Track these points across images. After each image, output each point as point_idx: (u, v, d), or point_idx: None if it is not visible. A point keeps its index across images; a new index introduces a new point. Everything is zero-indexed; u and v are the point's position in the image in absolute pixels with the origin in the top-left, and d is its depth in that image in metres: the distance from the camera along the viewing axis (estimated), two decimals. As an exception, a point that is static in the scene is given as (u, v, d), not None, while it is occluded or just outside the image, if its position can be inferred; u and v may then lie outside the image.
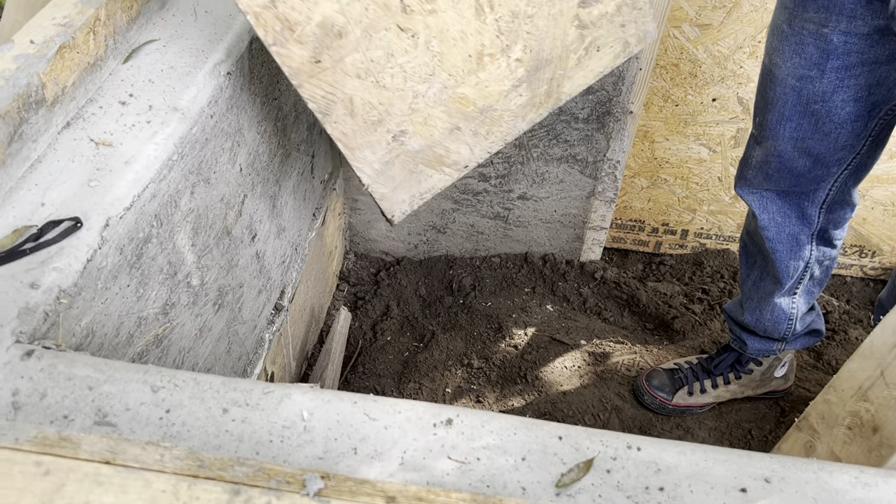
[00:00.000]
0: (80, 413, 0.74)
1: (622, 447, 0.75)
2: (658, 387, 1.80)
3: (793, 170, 1.41)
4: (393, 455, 0.73)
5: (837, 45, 1.21)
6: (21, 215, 0.95)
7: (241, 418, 0.75)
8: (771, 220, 1.51)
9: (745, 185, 1.51)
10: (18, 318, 0.83)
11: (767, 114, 1.37)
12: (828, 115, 1.30)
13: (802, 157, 1.38)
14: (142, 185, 1.03)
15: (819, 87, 1.27)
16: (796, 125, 1.34)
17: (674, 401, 1.79)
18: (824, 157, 1.37)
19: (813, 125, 1.32)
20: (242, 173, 1.36)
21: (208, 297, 1.28)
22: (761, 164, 1.45)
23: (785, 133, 1.36)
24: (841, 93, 1.26)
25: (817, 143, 1.35)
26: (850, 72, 1.24)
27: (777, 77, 1.32)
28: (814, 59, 1.24)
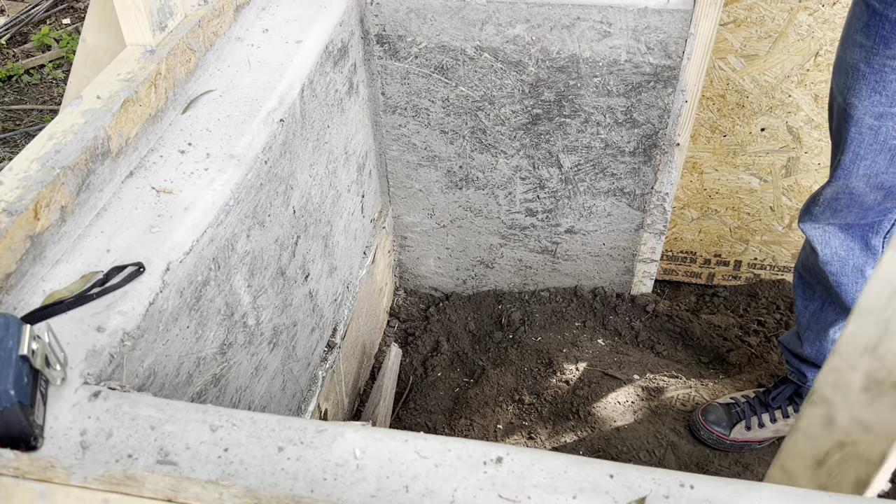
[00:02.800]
0: (143, 452, 0.77)
1: (675, 485, 0.74)
2: (715, 422, 1.76)
3: (862, 204, 1.40)
4: (444, 493, 0.73)
5: None
6: (88, 261, 1.00)
7: (296, 457, 0.77)
8: (833, 254, 1.49)
9: (809, 219, 1.49)
10: (86, 361, 0.87)
11: (840, 154, 1.36)
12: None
13: (874, 192, 1.37)
14: (200, 230, 1.07)
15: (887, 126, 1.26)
16: (871, 162, 1.33)
17: (731, 436, 1.75)
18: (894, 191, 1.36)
19: (888, 160, 1.31)
20: (295, 215, 1.40)
21: (263, 337, 1.31)
22: (830, 201, 1.42)
23: (859, 171, 1.34)
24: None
25: (892, 176, 1.34)
26: None
27: (853, 117, 1.30)
28: (885, 93, 1.23)
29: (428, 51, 1.70)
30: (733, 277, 2.24)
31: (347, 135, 1.68)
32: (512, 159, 1.86)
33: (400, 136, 1.88)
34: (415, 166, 1.94)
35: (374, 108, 1.83)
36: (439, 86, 1.76)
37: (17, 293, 0.94)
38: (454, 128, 1.83)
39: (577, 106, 1.73)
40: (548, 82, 1.70)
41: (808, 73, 1.78)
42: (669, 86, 1.66)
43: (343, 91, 1.62)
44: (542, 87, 1.71)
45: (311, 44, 1.45)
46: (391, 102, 1.82)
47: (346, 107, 1.65)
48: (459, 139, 1.85)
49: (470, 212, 2.01)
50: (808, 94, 1.82)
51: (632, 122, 1.74)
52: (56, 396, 0.83)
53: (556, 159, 1.84)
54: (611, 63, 1.65)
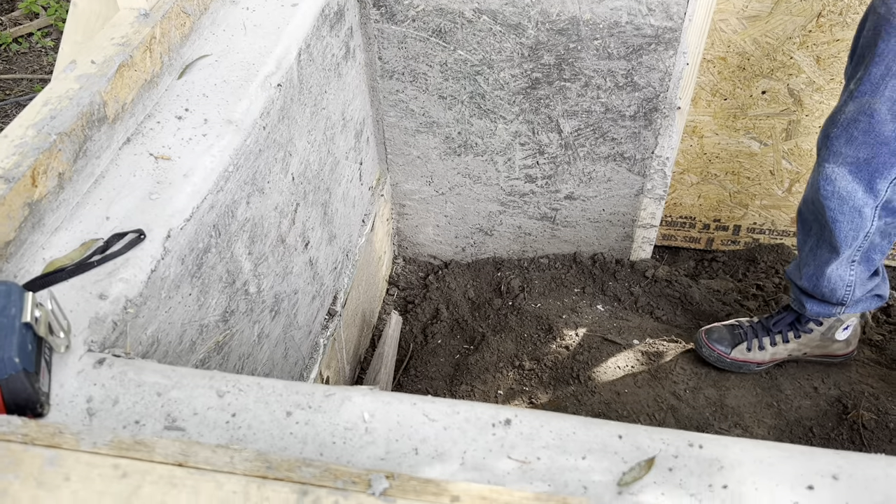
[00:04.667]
0: (150, 418, 0.77)
1: (683, 445, 0.74)
2: (717, 340, 1.80)
3: (879, 135, 1.37)
4: (453, 455, 0.74)
5: None
6: (88, 229, 0.99)
7: (305, 421, 0.77)
8: (834, 192, 1.49)
9: (827, 146, 1.47)
10: (89, 328, 0.86)
11: (873, 66, 1.32)
12: None
13: (893, 122, 1.35)
14: (200, 196, 1.06)
15: None
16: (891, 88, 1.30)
17: (732, 354, 1.79)
18: None
19: None
20: (294, 182, 1.39)
21: (265, 304, 1.31)
22: (849, 123, 1.40)
23: (885, 91, 1.31)
24: None
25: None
26: None
27: (893, 26, 1.27)
28: None
29: (425, 13, 1.68)
30: (732, 242, 2.23)
31: (345, 100, 1.66)
32: (511, 125, 1.84)
33: (397, 102, 1.86)
34: (413, 133, 1.92)
35: (371, 73, 1.81)
36: (437, 50, 1.73)
37: (17, 261, 0.93)
38: (452, 93, 1.81)
39: (578, 69, 1.71)
40: (547, 45, 1.68)
41: (811, 35, 1.76)
42: (671, 48, 1.63)
43: (340, 56, 1.59)
44: (541, 50, 1.69)
45: (307, 7, 1.43)
46: (388, 67, 1.79)
47: (342, 72, 1.62)
48: (458, 104, 1.83)
49: (469, 179, 2.00)
50: (810, 55, 1.80)
51: (632, 86, 1.72)
52: (60, 364, 0.82)
53: (556, 124, 1.82)
54: (612, 25, 1.62)
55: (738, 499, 0.70)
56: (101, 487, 0.61)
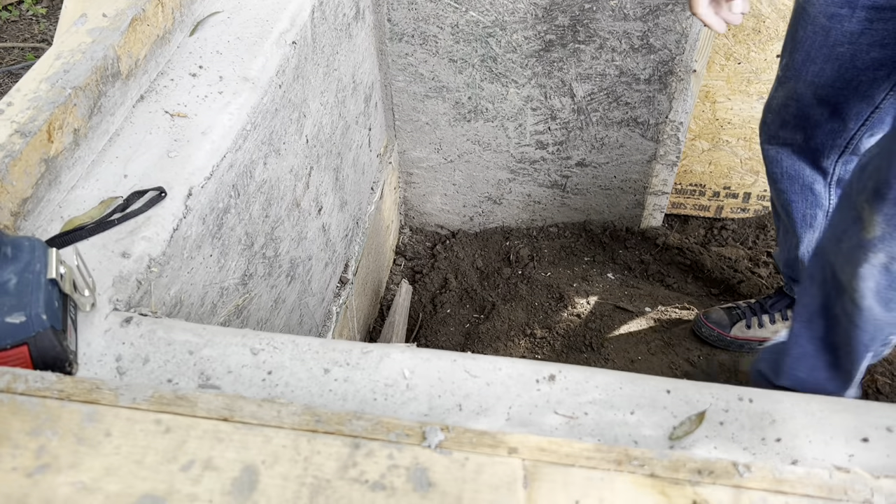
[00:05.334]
0: (183, 377, 0.75)
1: (733, 399, 0.73)
2: (716, 321, 1.80)
3: (809, 118, 1.37)
4: (498, 411, 0.72)
5: None
6: (105, 187, 0.95)
7: (343, 378, 0.74)
8: (783, 173, 1.50)
9: (764, 131, 1.49)
10: (113, 287, 0.83)
11: (795, 53, 1.34)
12: (851, 60, 1.26)
13: (820, 106, 1.35)
14: (220, 154, 1.02)
15: (847, 26, 1.24)
16: (819, 69, 1.31)
17: (731, 333, 1.79)
18: (842, 109, 1.33)
19: (836, 71, 1.29)
20: (308, 145, 1.35)
21: (282, 269, 1.28)
22: (780, 108, 1.41)
23: (808, 76, 1.33)
24: (868, 35, 1.23)
25: (837, 91, 1.31)
26: (881, 14, 1.20)
27: (809, 15, 1.29)
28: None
29: (437, -26, 1.63)
30: (742, 210, 2.22)
31: (355, 63, 1.62)
32: (523, 89, 1.81)
33: (406, 66, 1.82)
34: (421, 98, 1.89)
35: (380, 35, 1.77)
36: (448, 11, 1.69)
37: (34, 219, 0.89)
38: (463, 56, 1.77)
39: (592, 31, 1.68)
40: (562, 6, 1.64)
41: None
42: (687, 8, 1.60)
43: (350, 16, 1.55)
44: (555, 10, 1.65)
45: (319, -37, 1.38)
46: (397, 29, 1.75)
47: (353, 33, 1.58)
48: (469, 68, 1.79)
49: (478, 145, 1.96)
50: (827, 17, 1.76)
51: (648, 48, 1.69)
52: (86, 323, 0.79)
53: (569, 88, 1.79)
54: (628, -15, 1.59)
55: (792, 452, 0.68)
56: (145, 443, 0.58)
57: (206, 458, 0.57)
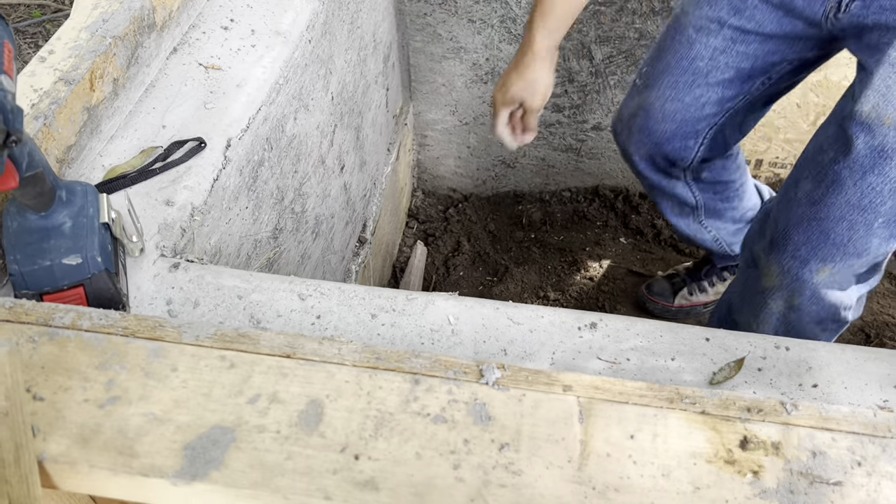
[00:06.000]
0: (234, 320, 0.76)
1: (770, 347, 0.75)
2: (658, 293, 1.83)
3: (652, 133, 1.37)
4: (542, 356, 0.74)
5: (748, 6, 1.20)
6: (144, 137, 0.96)
7: (391, 323, 0.76)
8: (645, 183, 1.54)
9: (616, 140, 1.49)
10: (159, 234, 0.85)
11: (657, 62, 1.35)
12: (706, 77, 1.28)
13: (665, 121, 1.35)
14: (255, 107, 1.03)
15: (712, 41, 1.26)
16: (675, 80, 1.31)
17: (675, 303, 1.83)
18: (686, 124, 1.34)
19: (689, 85, 1.30)
20: (334, 102, 1.36)
21: (308, 225, 1.29)
22: (629, 118, 1.41)
23: (662, 86, 1.33)
24: (726, 55, 1.26)
25: (685, 108, 1.32)
26: (744, 36, 1.23)
27: (681, 24, 1.30)
28: (721, 12, 1.24)
29: (459, -68, 1.62)
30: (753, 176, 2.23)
31: (375, 22, 1.61)
32: (542, 51, 1.80)
33: (424, 26, 1.82)
34: (439, 59, 1.88)
35: (400, -5, 1.76)
36: (470, -29, 1.69)
37: (77, 167, 0.90)
38: (483, 16, 1.77)
39: (614, -7, 1.67)
40: (584, -33, 1.63)
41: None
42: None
43: (373, -26, 1.54)
44: (577, -28, 1.64)
45: (345, -82, 1.37)
46: (417, -10, 1.74)
47: (375, -9, 1.58)
48: (487, 29, 1.79)
49: (494, 108, 1.96)
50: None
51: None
52: (135, 268, 0.81)
53: (588, 50, 1.79)
54: (652, -54, 1.58)
55: (829, 397, 0.70)
56: (211, 377, 0.60)
57: (271, 392, 0.59)
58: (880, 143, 1.01)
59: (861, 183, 1.03)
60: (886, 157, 1.01)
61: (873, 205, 1.04)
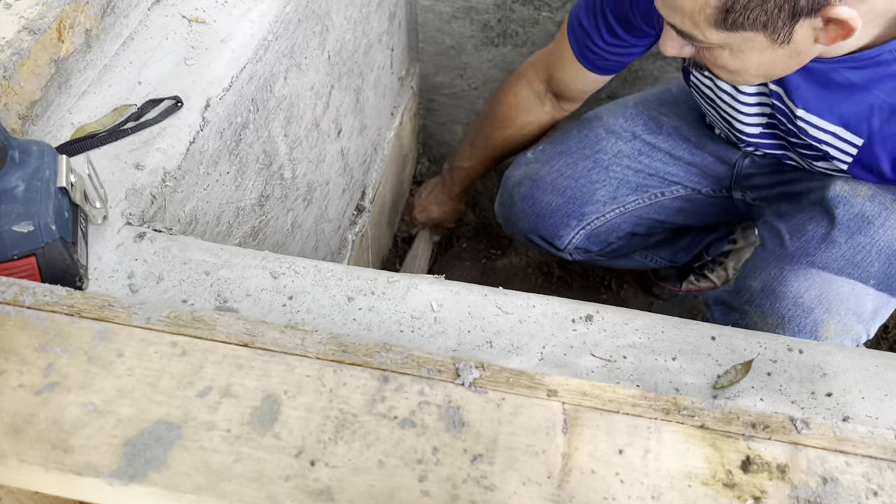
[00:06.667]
0: (199, 298, 0.71)
1: (782, 349, 0.68)
2: (665, 277, 1.77)
3: (537, 203, 1.35)
4: (531, 350, 0.68)
5: (664, 129, 1.29)
6: (118, 94, 0.90)
7: (368, 307, 0.70)
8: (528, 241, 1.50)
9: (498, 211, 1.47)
10: (126, 200, 0.79)
11: (558, 143, 1.36)
12: (606, 168, 1.31)
13: (554, 194, 1.33)
14: (240, 65, 0.96)
15: (619, 145, 1.31)
16: (573, 161, 1.33)
17: (683, 287, 1.76)
18: (572, 203, 1.32)
19: (588, 169, 1.32)
20: (330, 61, 1.28)
21: (299, 192, 1.23)
22: (514, 186, 1.39)
23: (558, 163, 1.33)
24: (630, 160, 1.30)
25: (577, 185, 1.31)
26: (653, 151, 1.30)
27: (591, 122, 1.36)
28: (636, 127, 1.30)
29: None
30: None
31: (381, -22, 1.52)
32: (557, 13, 1.71)
33: (434, -15, 1.72)
34: (448, 18, 1.79)
35: (409, -50, 1.66)
36: (482, -74, 1.59)
37: (44, 124, 0.84)
38: (495, -24, 1.67)
39: (635, -46, 1.57)
40: (604, -75, 1.53)
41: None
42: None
43: (379, -75, 1.45)
44: (597, -70, 1.54)
45: None
46: (427, -56, 1.65)
47: (381, -55, 1.49)
48: (500, -10, 1.69)
49: (505, 73, 1.88)
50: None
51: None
52: (97, 237, 0.75)
53: (605, 16, 1.69)
54: None
55: (844, 408, 0.64)
56: (159, 366, 0.55)
57: (224, 385, 0.54)
58: (860, 211, 1.06)
59: (852, 241, 1.06)
60: (868, 221, 1.06)
61: (865, 263, 1.05)
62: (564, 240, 1.37)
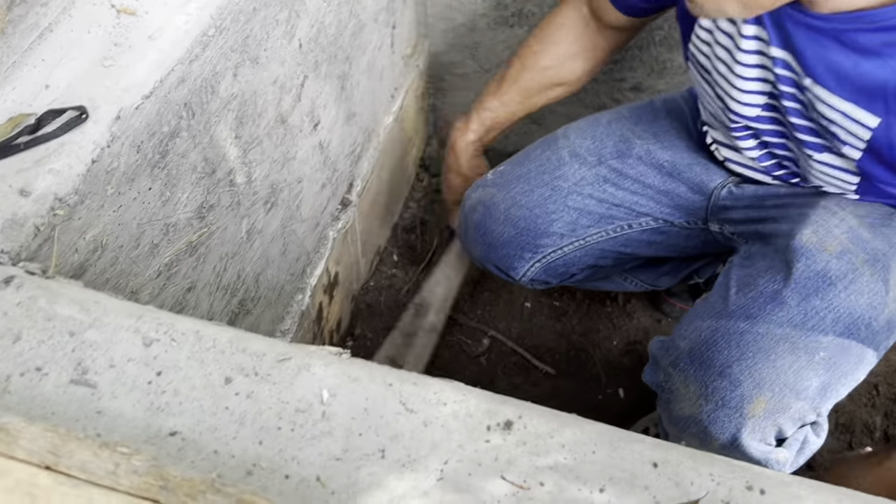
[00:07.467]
0: (56, 365, 0.61)
1: (739, 487, 0.55)
2: (676, 293, 1.62)
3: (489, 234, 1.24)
4: (430, 465, 0.56)
5: (634, 153, 1.18)
6: (21, 98, 0.79)
7: (247, 393, 0.59)
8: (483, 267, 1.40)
9: (457, 229, 1.39)
10: (2, 233, 0.69)
11: (517, 166, 1.25)
12: (565, 197, 1.20)
13: (507, 224, 1.22)
14: (167, 67, 0.84)
15: (582, 171, 1.20)
16: (529, 189, 1.21)
17: None
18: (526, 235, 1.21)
19: (544, 198, 1.20)
20: (302, 50, 1.15)
21: (257, 196, 1.12)
22: (470, 209, 1.28)
23: (513, 190, 1.22)
24: (593, 187, 1.19)
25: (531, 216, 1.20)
26: (619, 179, 1.19)
27: (556, 144, 1.24)
28: (604, 150, 1.20)
29: None
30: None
31: (378, -50, 1.37)
32: (576, -4, 1.54)
33: (444, -44, 1.56)
34: (459, -5, 1.63)
35: (415, -83, 1.50)
36: None
37: (-75, 135, 0.74)
38: (510, -50, 1.50)
39: (666, -68, 1.38)
40: None
41: None
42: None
43: None
44: None
45: None
46: (435, -89, 1.48)
47: (377, -87, 1.33)
48: (515, -35, 1.53)
49: (519, 56, 1.71)
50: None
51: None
52: (-43, 279, 0.65)
53: (630, 0, 1.51)
54: None
55: (806, 577, 0.51)
56: (-61, 490, 0.45)
57: (8, 525, 0.44)
58: (823, 269, 0.93)
59: (805, 304, 0.92)
60: (829, 282, 0.93)
61: (816, 330, 0.91)
62: (518, 272, 1.26)
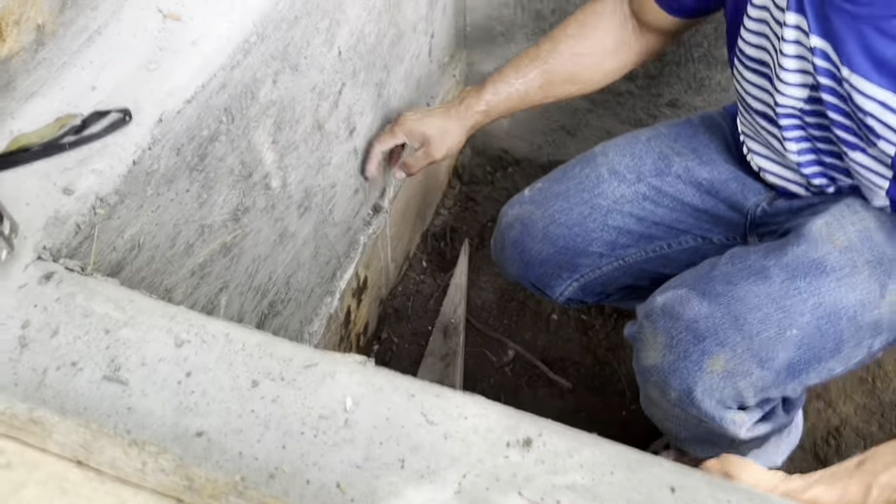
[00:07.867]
0: (90, 361, 0.63)
1: (759, 517, 0.55)
2: None
3: (526, 252, 1.23)
4: (449, 478, 0.57)
5: (673, 171, 1.17)
6: (69, 99, 0.82)
7: (272, 397, 0.61)
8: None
9: (493, 250, 1.34)
10: (45, 230, 0.71)
11: (556, 183, 1.23)
12: (605, 216, 1.18)
13: (544, 241, 1.20)
14: (209, 72, 0.86)
15: (622, 189, 1.18)
16: (569, 207, 1.19)
17: None
18: (564, 254, 1.20)
19: (583, 216, 1.19)
20: (341, 58, 1.17)
21: (291, 200, 1.14)
22: (506, 227, 1.26)
23: (552, 208, 1.20)
24: (633, 205, 1.18)
25: (571, 235, 1.19)
26: (659, 197, 1.17)
27: (595, 161, 1.22)
28: (644, 168, 1.18)
29: None
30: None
31: (420, -40, 1.39)
32: (615, 10, 1.53)
33: (485, -33, 1.57)
34: (497, 5, 1.64)
35: (458, -72, 1.51)
36: None
37: (-23, 132, 0.77)
38: (551, -37, 1.50)
39: (709, -50, 1.37)
40: (677, -86, 1.34)
41: None
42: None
43: None
44: (668, -81, 1.35)
45: None
46: (478, -77, 1.49)
47: (420, -76, 1.35)
48: (555, -22, 1.53)
49: (556, 68, 1.71)
50: None
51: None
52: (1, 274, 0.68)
53: (670, 16, 1.51)
54: None
55: None
56: (-25, 478, 0.47)
57: (39, 517, 0.45)
58: (820, 258, 0.94)
59: (789, 283, 0.93)
60: (823, 271, 0.93)
61: (793, 309, 0.92)
62: (556, 290, 1.25)
